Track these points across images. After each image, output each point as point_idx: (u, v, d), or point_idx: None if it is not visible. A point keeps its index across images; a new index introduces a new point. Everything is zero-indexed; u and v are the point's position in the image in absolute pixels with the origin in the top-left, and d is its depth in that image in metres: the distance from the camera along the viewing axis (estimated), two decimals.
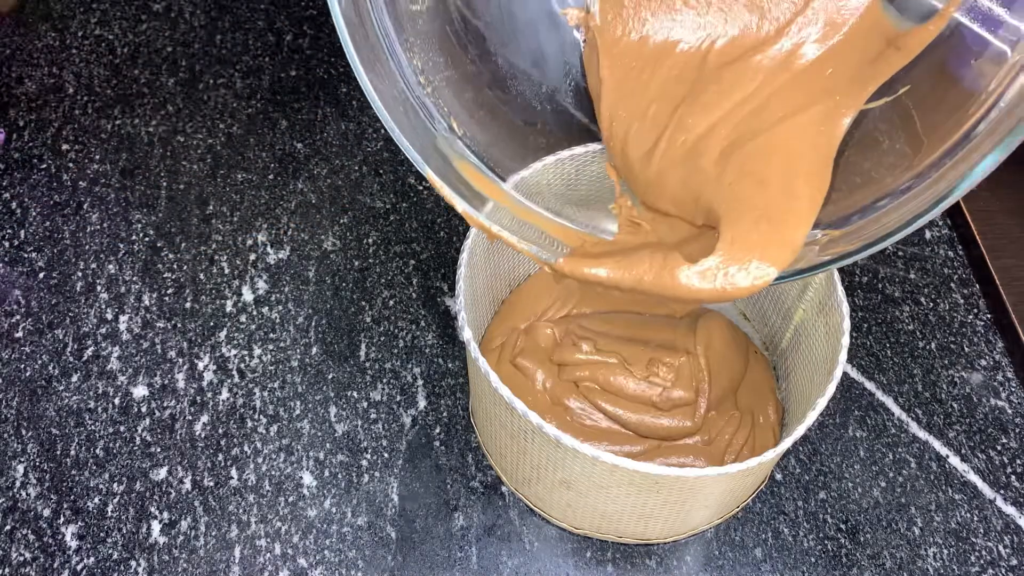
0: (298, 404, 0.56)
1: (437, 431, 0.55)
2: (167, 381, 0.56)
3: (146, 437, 0.54)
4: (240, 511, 0.51)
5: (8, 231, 0.63)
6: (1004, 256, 0.63)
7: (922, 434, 0.56)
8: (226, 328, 0.59)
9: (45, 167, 0.66)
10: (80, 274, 0.61)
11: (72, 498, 0.52)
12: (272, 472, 0.53)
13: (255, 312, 0.60)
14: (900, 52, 0.38)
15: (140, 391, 0.56)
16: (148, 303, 0.60)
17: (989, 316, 0.62)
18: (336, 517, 0.52)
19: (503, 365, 0.54)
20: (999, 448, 0.56)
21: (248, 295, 0.60)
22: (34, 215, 0.64)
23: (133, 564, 0.49)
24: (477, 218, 0.40)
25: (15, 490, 0.52)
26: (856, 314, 0.61)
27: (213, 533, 0.51)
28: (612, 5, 0.43)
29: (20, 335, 0.58)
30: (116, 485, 0.52)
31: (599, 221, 0.45)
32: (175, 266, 0.62)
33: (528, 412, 0.42)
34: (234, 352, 0.58)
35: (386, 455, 0.54)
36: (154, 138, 0.69)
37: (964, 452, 0.55)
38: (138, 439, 0.54)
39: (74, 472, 0.52)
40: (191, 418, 0.55)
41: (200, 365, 0.57)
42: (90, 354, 0.57)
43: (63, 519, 0.51)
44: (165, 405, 0.55)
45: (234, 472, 0.53)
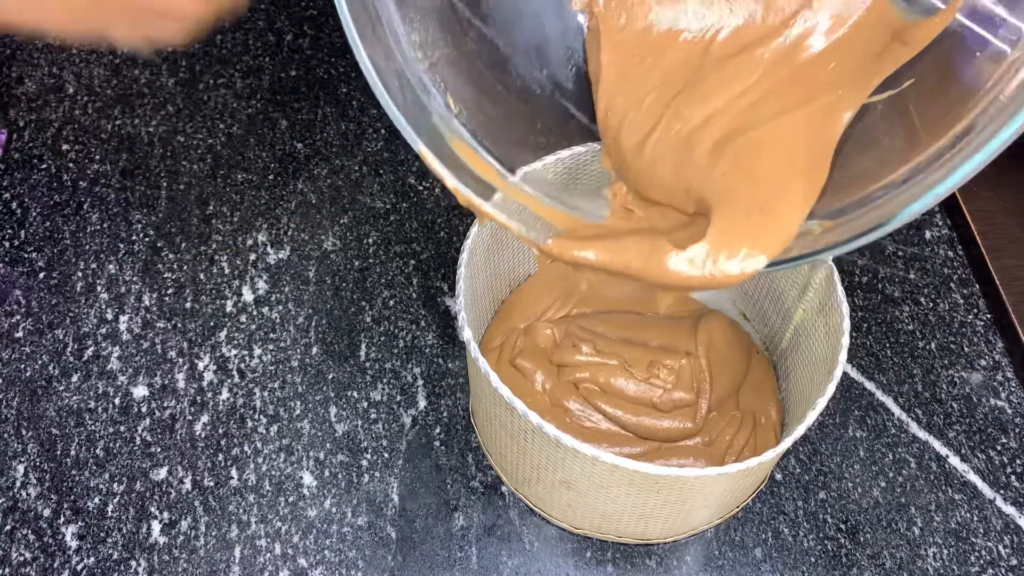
0: (298, 404, 0.56)
1: (437, 431, 0.55)
2: (167, 381, 0.56)
3: (146, 437, 0.54)
4: (240, 511, 0.51)
5: (8, 231, 0.63)
6: (1004, 256, 0.63)
7: (922, 434, 0.56)
8: (226, 328, 0.59)
9: (45, 167, 0.66)
10: (80, 274, 0.61)
11: (72, 498, 0.52)
12: (272, 472, 0.53)
13: (255, 312, 0.60)
14: (906, 46, 0.38)
15: (140, 391, 0.56)
16: (148, 303, 0.60)
17: (989, 316, 0.62)
18: (336, 517, 0.52)
19: (503, 365, 0.54)
20: (999, 448, 0.56)
21: (248, 295, 0.60)
22: (34, 215, 0.64)
23: (133, 564, 0.49)
24: (468, 196, 0.40)
25: (15, 490, 0.52)
26: (856, 314, 0.61)
27: (213, 533, 0.51)
28: None
29: (20, 335, 0.58)
30: (116, 485, 0.52)
31: (592, 206, 0.45)
32: (175, 266, 0.62)
33: (528, 412, 0.42)
34: (234, 352, 0.58)
35: (386, 455, 0.54)
36: (154, 138, 0.69)
37: (964, 452, 0.55)
38: (138, 439, 0.54)
39: (74, 472, 0.52)
40: (191, 418, 0.55)
41: (200, 365, 0.57)
42: (90, 354, 0.57)
43: (63, 519, 0.51)
44: (165, 405, 0.55)
45: (234, 472, 0.53)
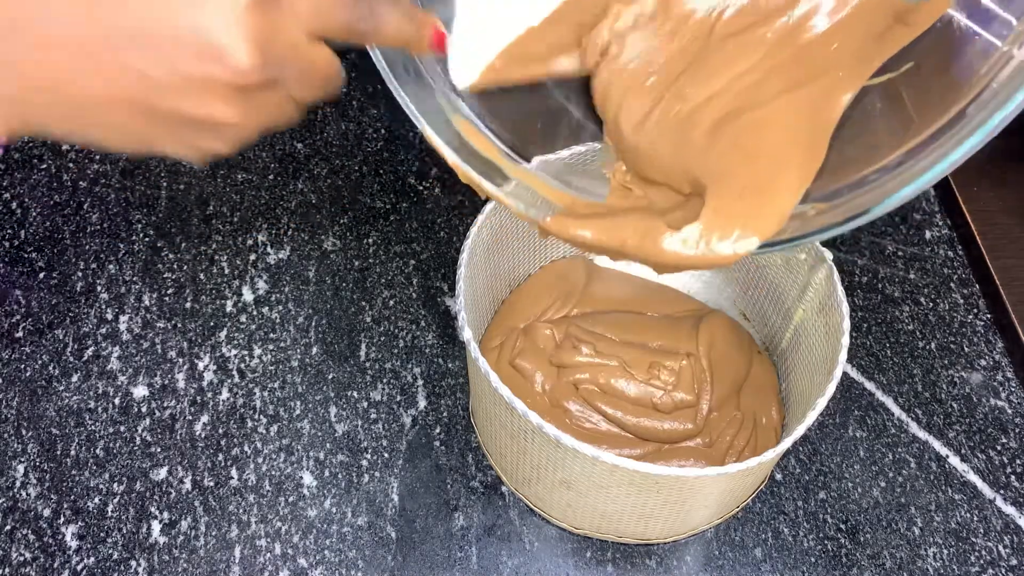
0: (298, 404, 0.56)
1: (437, 431, 0.55)
2: (167, 381, 0.56)
3: (146, 437, 0.54)
4: (240, 511, 0.51)
5: (8, 231, 0.63)
6: (1004, 256, 0.63)
7: (922, 434, 0.56)
8: (226, 328, 0.59)
9: (45, 167, 0.66)
10: (80, 274, 0.61)
11: (72, 498, 0.52)
12: (272, 472, 0.53)
13: (255, 312, 0.60)
14: (908, 27, 0.38)
15: (140, 391, 0.56)
16: (148, 303, 0.60)
17: (989, 316, 0.62)
18: (336, 517, 0.52)
19: (502, 366, 0.54)
20: (999, 448, 0.56)
21: (248, 295, 0.60)
22: (34, 215, 0.64)
23: (133, 564, 0.49)
24: (469, 173, 0.40)
25: (15, 490, 0.52)
26: (856, 314, 0.61)
27: (213, 533, 0.51)
28: None
29: (20, 335, 0.58)
30: (116, 485, 0.52)
31: (592, 185, 0.45)
32: (175, 266, 0.62)
33: (528, 412, 0.42)
34: (234, 352, 0.58)
35: (386, 455, 0.54)
36: None
37: (964, 452, 0.55)
38: (138, 439, 0.54)
39: (74, 472, 0.52)
40: (191, 418, 0.55)
41: (200, 365, 0.57)
42: (90, 354, 0.57)
43: (63, 519, 0.51)
44: (165, 405, 0.55)
45: (234, 472, 0.53)
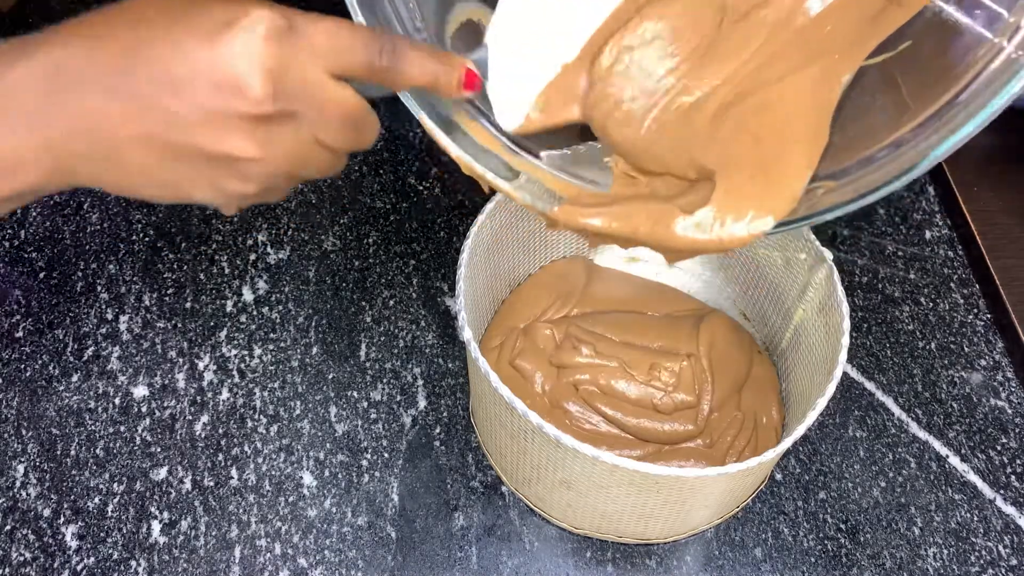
0: (298, 404, 0.56)
1: (437, 431, 0.55)
2: (167, 381, 0.56)
3: (146, 437, 0.54)
4: (240, 511, 0.51)
5: (8, 231, 0.63)
6: (1004, 256, 0.63)
7: (922, 434, 0.56)
8: (226, 328, 0.59)
9: None
10: (80, 274, 0.61)
11: (72, 498, 0.52)
12: (272, 472, 0.53)
13: (255, 312, 0.60)
14: (902, 8, 0.39)
15: (140, 391, 0.56)
16: (148, 303, 0.60)
17: (989, 316, 0.62)
18: (336, 517, 0.52)
19: (502, 366, 0.54)
20: (999, 448, 0.56)
21: (248, 295, 0.60)
22: (34, 215, 0.64)
23: (133, 564, 0.49)
24: (471, 164, 0.40)
25: (15, 490, 0.52)
26: (856, 314, 0.61)
27: (213, 533, 0.51)
28: None
29: (20, 335, 0.58)
30: (116, 485, 0.52)
31: (594, 174, 0.45)
32: (175, 266, 0.62)
33: (528, 412, 0.42)
34: (234, 352, 0.58)
35: (386, 455, 0.54)
36: None
37: (964, 452, 0.55)
38: (138, 439, 0.54)
39: (74, 472, 0.52)
40: (191, 418, 0.55)
41: (200, 365, 0.57)
42: (90, 354, 0.57)
43: (63, 519, 0.51)
44: (165, 405, 0.55)
45: (234, 472, 0.53)
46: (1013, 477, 0.54)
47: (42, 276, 0.61)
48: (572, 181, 0.44)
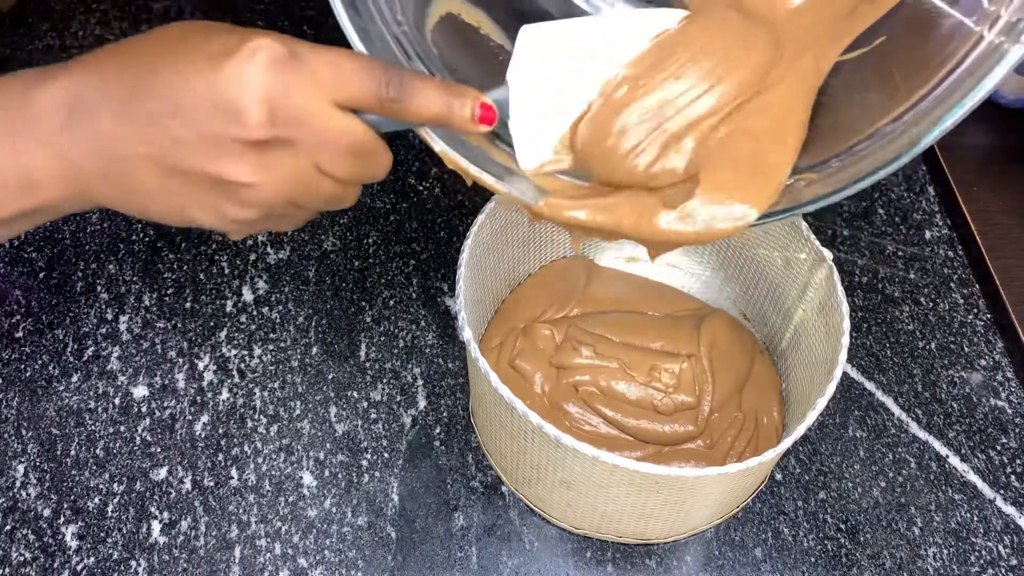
0: (298, 404, 0.56)
1: (437, 431, 0.55)
2: (167, 381, 0.56)
3: (146, 437, 0.54)
4: (240, 511, 0.51)
5: None
6: (1004, 256, 0.63)
7: (922, 434, 0.56)
8: (226, 328, 0.59)
9: None
10: (80, 274, 0.61)
11: (72, 498, 0.52)
12: (272, 472, 0.53)
13: (255, 312, 0.60)
14: (874, 5, 0.39)
15: (140, 391, 0.56)
16: (148, 303, 0.60)
17: (989, 316, 0.62)
18: (336, 517, 0.52)
19: (502, 366, 0.54)
20: (999, 448, 0.56)
21: (248, 295, 0.60)
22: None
23: (133, 564, 0.49)
24: (455, 159, 0.40)
25: (15, 490, 0.52)
26: (856, 314, 0.61)
27: (213, 533, 0.51)
28: None
29: (20, 335, 0.58)
30: (116, 485, 0.52)
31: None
32: (175, 266, 0.62)
33: (528, 412, 0.42)
34: (234, 352, 0.58)
35: (386, 455, 0.54)
36: None
37: (964, 452, 0.55)
38: (138, 439, 0.54)
39: (74, 472, 0.52)
40: (191, 418, 0.55)
41: (200, 365, 0.57)
42: (90, 354, 0.57)
43: (63, 519, 0.51)
44: (165, 405, 0.55)
45: (234, 472, 0.53)
46: (1013, 477, 0.54)
47: (42, 276, 0.61)
48: (557, 176, 0.44)
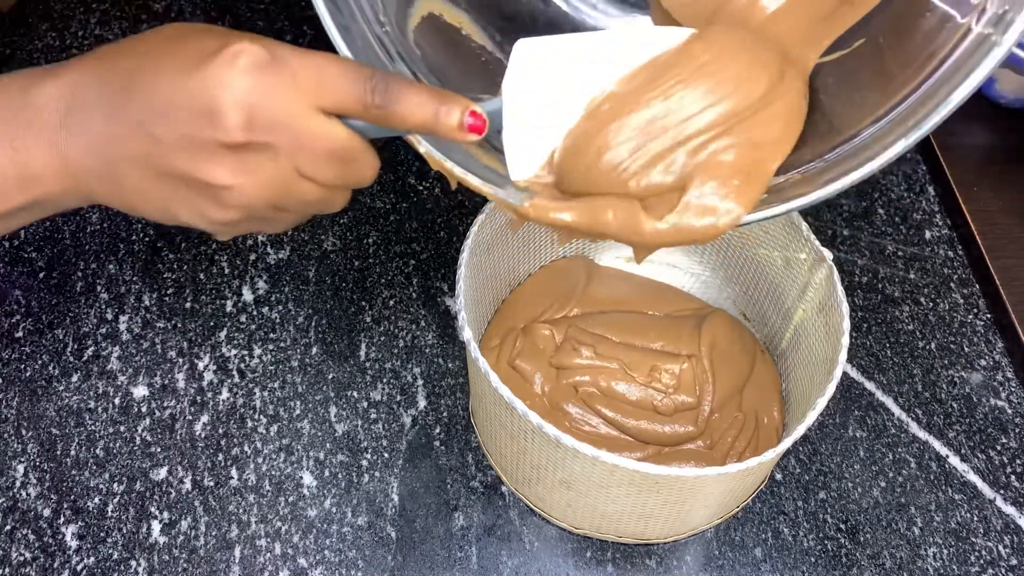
0: (298, 404, 0.56)
1: (437, 431, 0.55)
2: (167, 381, 0.56)
3: (146, 437, 0.54)
4: (240, 511, 0.51)
5: None
6: (1004, 256, 0.63)
7: (922, 434, 0.56)
8: (226, 328, 0.59)
9: None
10: (80, 274, 0.61)
11: (72, 498, 0.52)
12: (272, 472, 0.53)
13: (255, 312, 0.60)
14: (853, 8, 0.39)
15: (140, 391, 0.56)
16: (148, 303, 0.60)
17: (989, 316, 0.62)
18: (336, 517, 0.52)
19: (502, 366, 0.54)
20: (999, 448, 0.56)
21: (248, 295, 0.60)
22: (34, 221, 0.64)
23: (133, 564, 0.49)
24: (440, 160, 0.40)
25: (15, 490, 0.52)
26: (856, 314, 0.61)
27: (213, 533, 0.51)
28: None
29: (20, 335, 0.58)
30: (116, 485, 0.52)
31: None
32: (175, 266, 0.62)
33: (528, 412, 0.42)
34: (234, 352, 0.58)
35: (386, 455, 0.54)
36: None
37: (964, 452, 0.55)
38: (138, 439, 0.54)
39: (74, 472, 0.52)
40: (191, 418, 0.55)
41: (200, 365, 0.57)
42: (90, 354, 0.57)
43: (63, 519, 0.51)
44: (165, 405, 0.55)
45: (234, 472, 0.53)
46: (1013, 477, 0.54)
47: (42, 276, 0.61)
48: (542, 176, 0.44)
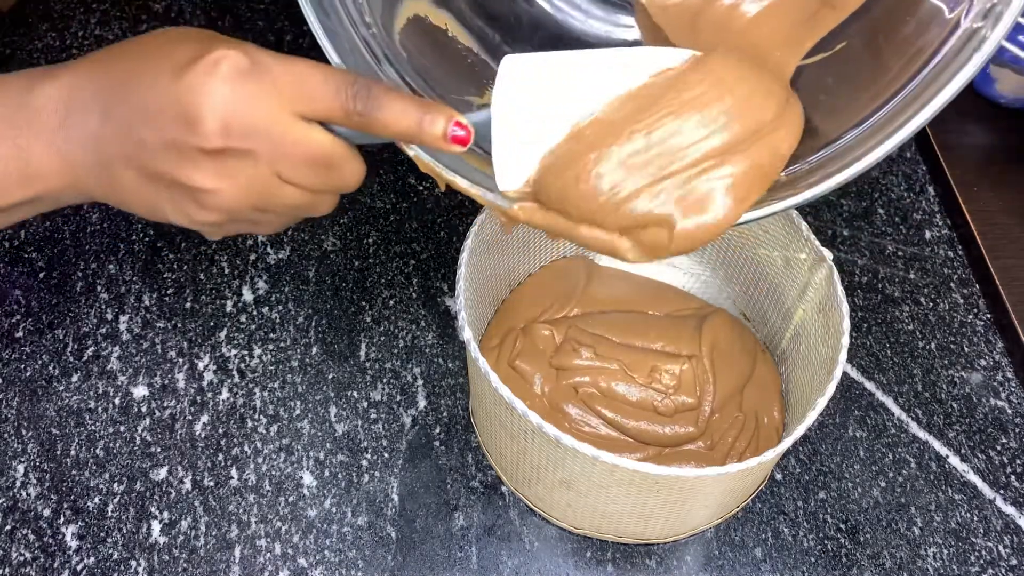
0: (298, 404, 0.56)
1: (437, 431, 0.55)
2: (167, 381, 0.56)
3: (146, 437, 0.54)
4: (240, 511, 0.51)
5: (8, 231, 0.63)
6: (1004, 256, 0.63)
7: (922, 434, 0.56)
8: (226, 328, 0.59)
9: None
10: (80, 274, 0.61)
11: (72, 498, 0.52)
12: (272, 472, 0.53)
13: (255, 312, 0.60)
14: (835, 11, 0.40)
15: (140, 391, 0.56)
16: (148, 303, 0.60)
17: (989, 316, 0.62)
18: (336, 517, 0.52)
19: (502, 366, 0.54)
20: (999, 448, 0.56)
21: (248, 295, 0.60)
22: (34, 215, 0.64)
23: (133, 564, 0.49)
24: (430, 164, 0.40)
25: (15, 490, 0.52)
26: (856, 314, 0.61)
27: (213, 533, 0.51)
28: None
29: (20, 335, 0.58)
30: (116, 485, 0.52)
31: None
32: (175, 266, 0.62)
33: (528, 412, 0.42)
34: (234, 352, 0.58)
35: (386, 455, 0.54)
36: None
37: (964, 452, 0.55)
38: (138, 439, 0.54)
39: (74, 472, 0.52)
40: (191, 418, 0.55)
41: (200, 365, 0.57)
42: (90, 354, 0.57)
43: (63, 519, 0.51)
44: (165, 405, 0.55)
45: (234, 472, 0.53)
46: (1013, 477, 0.54)
47: (42, 276, 0.61)
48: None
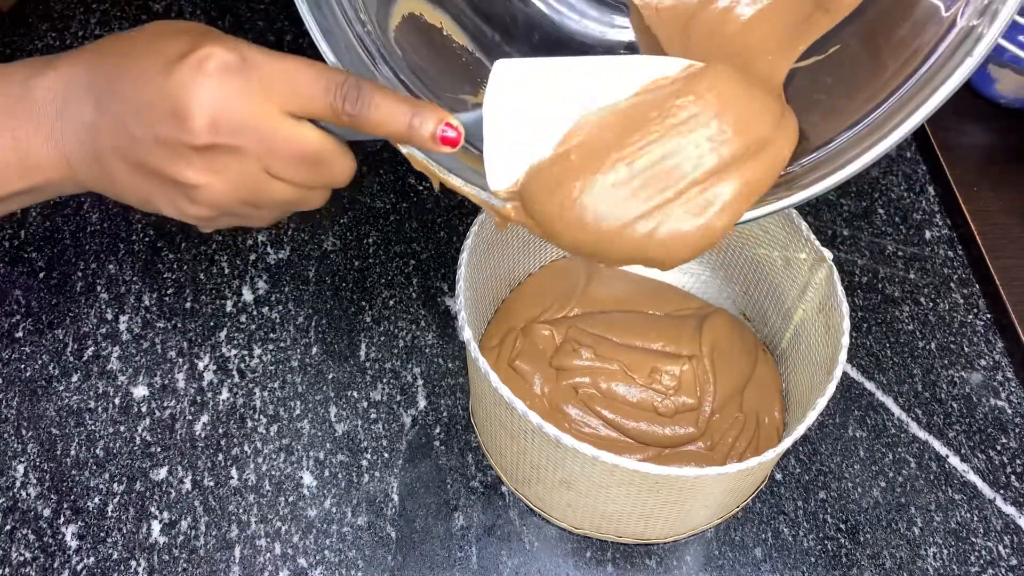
0: (298, 404, 0.56)
1: (437, 431, 0.55)
2: (167, 381, 0.56)
3: (146, 437, 0.54)
4: (240, 511, 0.51)
5: (8, 231, 0.63)
6: (1004, 256, 0.63)
7: (922, 434, 0.56)
8: (226, 328, 0.59)
9: None
10: (80, 274, 0.61)
11: (72, 498, 0.52)
12: (272, 472, 0.53)
13: (255, 312, 0.60)
14: (828, 15, 0.40)
15: (140, 391, 0.56)
16: (148, 303, 0.60)
17: (989, 316, 0.62)
18: (336, 517, 0.52)
19: (502, 366, 0.54)
20: (999, 448, 0.56)
21: (248, 295, 0.60)
22: (34, 215, 0.64)
23: (133, 564, 0.49)
24: (424, 162, 0.40)
25: (15, 490, 0.52)
26: (856, 314, 0.61)
27: (213, 533, 0.51)
28: None
29: (20, 335, 0.58)
30: (116, 485, 0.52)
31: None
32: (175, 266, 0.62)
33: (528, 412, 0.42)
34: (234, 352, 0.58)
35: (386, 455, 0.54)
36: None
37: (964, 452, 0.55)
38: (138, 439, 0.54)
39: (74, 472, 0.52)
40: (191, 418, 0.55)
41: (200, 365, 0.57)
42: (90, 354, 0.57)
43: (63, 519, 0.51)
44: (165, 405, 0.55)
45: (234, 472, 0.53)
46: (1013, 477, 0.54)
47: (42, 276, 0.61)
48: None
